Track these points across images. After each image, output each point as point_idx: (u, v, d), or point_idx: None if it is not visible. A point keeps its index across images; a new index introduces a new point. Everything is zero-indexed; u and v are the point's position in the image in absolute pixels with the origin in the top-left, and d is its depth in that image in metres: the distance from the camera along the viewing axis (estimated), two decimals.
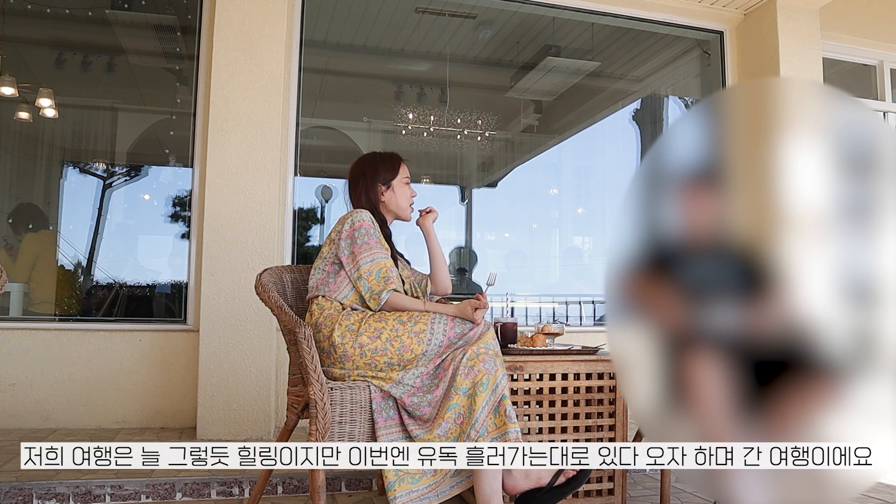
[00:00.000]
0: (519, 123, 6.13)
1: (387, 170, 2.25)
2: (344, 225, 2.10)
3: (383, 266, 2.04)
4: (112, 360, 3.47)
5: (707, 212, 1.07)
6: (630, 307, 1.08)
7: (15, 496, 2.33)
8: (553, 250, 6.12)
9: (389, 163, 2.27)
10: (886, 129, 1.78)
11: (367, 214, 2.12)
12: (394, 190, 2.25)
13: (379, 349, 1.92)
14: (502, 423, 1.86)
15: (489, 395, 1.87)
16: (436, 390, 1.91)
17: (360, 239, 2.05)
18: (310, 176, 5.34)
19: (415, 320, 1.97)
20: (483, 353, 1.92)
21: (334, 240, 2.11)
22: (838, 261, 1.03)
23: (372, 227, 2.09)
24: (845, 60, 4.78)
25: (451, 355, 1.94)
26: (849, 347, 1.00)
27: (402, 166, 2.29)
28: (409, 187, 2.30)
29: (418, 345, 1.93)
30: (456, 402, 1.87)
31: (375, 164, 2.26)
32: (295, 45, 3.71)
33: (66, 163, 4.80)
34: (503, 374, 1.92)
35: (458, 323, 1.99)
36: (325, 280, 2.09)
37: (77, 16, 4.42)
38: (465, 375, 1.88)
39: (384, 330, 1.94)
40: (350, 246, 2.05)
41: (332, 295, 2.06)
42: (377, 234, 2.10)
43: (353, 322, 1.97)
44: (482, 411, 1.85)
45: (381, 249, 2.07)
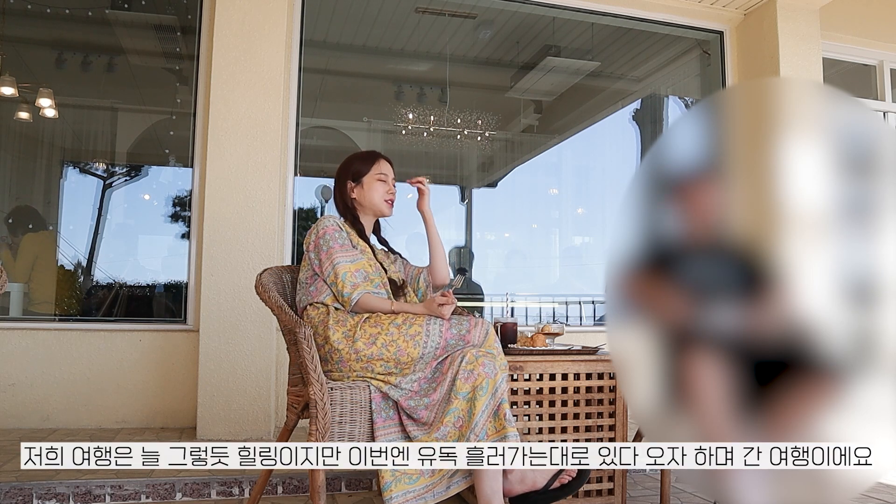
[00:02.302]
0: (519, 123, 6.13)
1: (361, 164, 2.24)
2: (311, 236, 2.12)
3: (347, 270, 2.03)
4: (112, 360, 3.47)
5: (707, 211, 1.07)
6: (630, 307, 1.08)
7: (15, 496, 2.33)
8: (553, 250, 6.12)
9: (364, 158, 2.26)
10: (886, 129, 1.78)
11: (329, 221, 2.11)
12: (363, 185, 2.22)
13: (375, 355, 1.91)
14: (501, 426, 1.86)
15: (489, 399, 1.86)
16: (433, 393, 1.90)
17: (324, 246, 2.06)
18: (310, 176, 5.33)
19: (409, 323, 1.95)
20: (483, 357, 1.91)
21: (307, 251, 2.13)
22: (838, 261, 1.03)
23: (336, 230, 2.09)
24: (845, 60, 4.78)
25: (451, 358, 1.93)
26: (849, 347, 1.00)
27: (379, 163, 2.25)
28: (386, 184, 2.25)
29: (414, 348, 1.91)
30: (456, 407, 1.86)
31: (350, 162, 2.26)
32: (295, 45, 3.71)
33: (66, 163, 4.80)
34: (503, 377, 1.91)
35: (454, 324, 1.97)
36: (306, 291, 2.11)
37: (77, 16, 4.42)
38: (465, 379, 1.87)
39: (379, 335, 1.93)
40: (318, 255, 2.07)
41: (315, 299, 2.07)
42: (342, 237, 2.09)
43: (349, 328, 1.96)
44: (482, 415, 1.84)
45: (344, 254, 2.06)
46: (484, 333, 2.00)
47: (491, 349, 1.97)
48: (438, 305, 1.97)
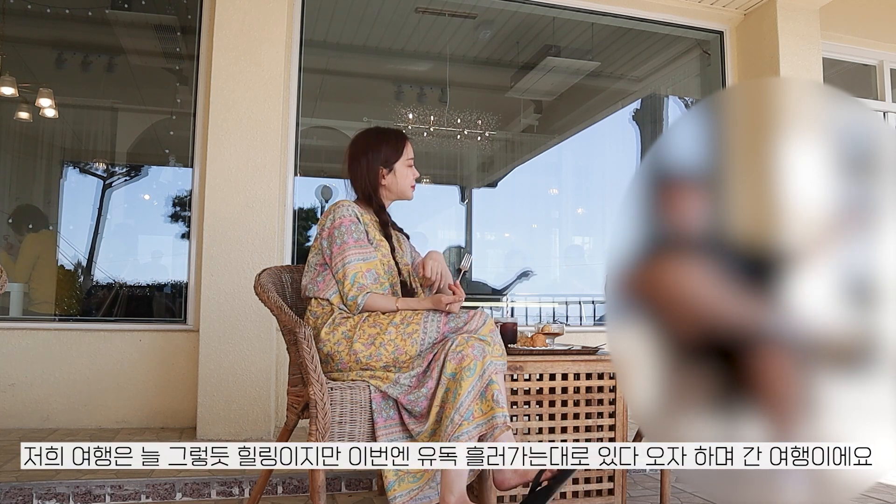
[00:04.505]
0: (519, 123, 6.13)
1: (390, 151, 2.15)
2: (326, 221, 2.06)
3: (358, 270, 1.98)
4: (112, 360, 3.47)
5: (706, 211, 1.07)
6: (630, 307, 1.08)
7: (15, 496, 2.33)
8: (553, 250, 6.12)
9: (393, 143, 2.17)
10: (886, 129, 1.78)
11: (348, 209, 2.04)
12: (395, 173, 2.15)
13: (374, 355, 1.90)
14: (489, 408, 1.82)
15: (476, 380, 1.82)
16: (429, 381, 1.87)
17: (338, 238, 2.01)
18: (310, 176, 5.34)
19: (407, 321, 1.93)
20: (472, 340, 1.87)
21: (319, 236, 2.08)
22: (838, 261, 1.03)
23: (353, 222, 2.03)
24: (845, 60, 4.78)
25: (442, 344, 1.90)
26: (849, 347, 1.00)
27: (407, 146, 2.18)
28: (413, 169, 2.19)
29: (412, 346, 1.90)
30: (446, 388, 1.83)
31: (378, 145, 2.16)
32: (295, 45, 3.71)
33: (66, 163, 4.80)
34: (491, 361, 1.86)
35: (452, 318, 1.95)
36: (314, 280, 2.07)
37: (77, 16, 4.42)
38: (452, 360, 1.84)
39: (378, 335, 1.91)
40: (330, 246, 2.02)
41: (321, 294, 2.03)
42: (358, 231, 2.04)
43: (349, 328, 1.94)
44: (468, 395, 1.80)
45: (357, 251, 2.01)
46: (482, 322, 1.96)
47: (485, 336, 1.93)
48: (447, 304, 1.94)
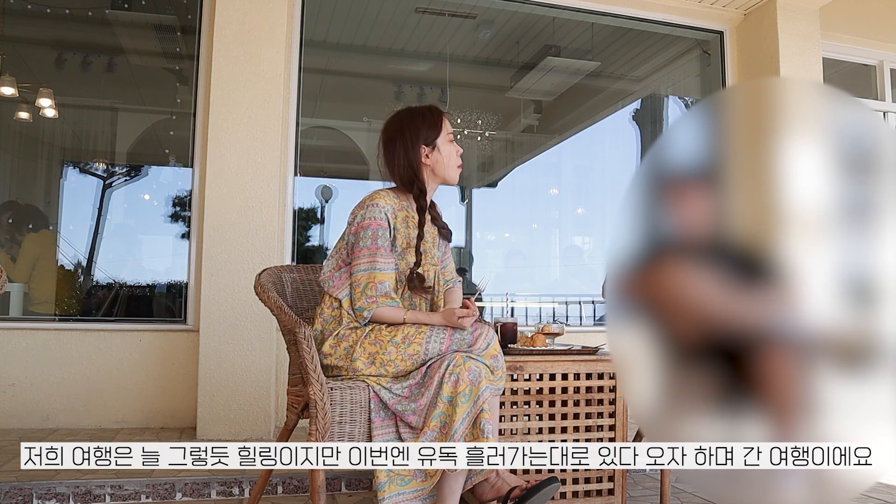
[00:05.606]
0: (519, 123, 6.13)
1: (428, 127, 1.97)
2: (356, 217, 1.96)
3: (371, 280, 1.90)
4: (112, 360, 3.47)
5: (707, 211, 1.07)
6: (630, 307, 1.08)
7: (15, 496, 2.33)
8: (553, 250, 6.12)
9: (430, 119, 1.99)
10: (886, 129, 1.78)
11: (380, 212, 1.92)
12: (439, 150, 1.98)
13: (373, 374, 1.89)
14: (476, 436, 1.78)
15: (470, 406, 1.78)
16: (421, 399, 1.83)
17: (361, 241, 1.92)
18: (310, 176, 5.34)
19: (409, 341, 1.88)
20: (470, 361, 1.82)
21: (350, 226, 1.99)
22: (838, 261, 1.03)
23: (382, 227, 1.91)
24: (845, 60, 4.78)
25: (439, 361, 1.85)
26: (849, 347, 1.00)
27: (444, 120, 2.00)
28: (455, 145, 2.01)
29: (412, 366, 1.88)
30: (441, 411, 1.80)
31: (415, 123, 1.98)
32: (295, 46, 3.71)
33: (66, 163, 4.80)
34: (487, 386, 1.81)
35: (457, 339, 1.90)
36: (332, 274, 2.00)
37: (77, 16, 4.42)
38: (448, 382, 1.80)
39: (377, 354, 1.88)
40: (356, 242, 1.94)
41: (335, 292, 1.99)
42: (384, 238, 1.93)
43: (350, 344, 1.91)
44: (461, 423, 1.77)
45: (381, 259, 1.92)
46: (486, 345, 1.91)
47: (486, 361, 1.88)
48: (458, 318, 1.88)
